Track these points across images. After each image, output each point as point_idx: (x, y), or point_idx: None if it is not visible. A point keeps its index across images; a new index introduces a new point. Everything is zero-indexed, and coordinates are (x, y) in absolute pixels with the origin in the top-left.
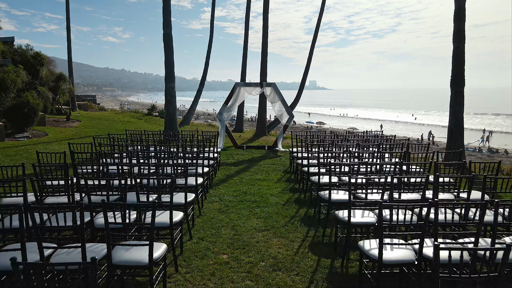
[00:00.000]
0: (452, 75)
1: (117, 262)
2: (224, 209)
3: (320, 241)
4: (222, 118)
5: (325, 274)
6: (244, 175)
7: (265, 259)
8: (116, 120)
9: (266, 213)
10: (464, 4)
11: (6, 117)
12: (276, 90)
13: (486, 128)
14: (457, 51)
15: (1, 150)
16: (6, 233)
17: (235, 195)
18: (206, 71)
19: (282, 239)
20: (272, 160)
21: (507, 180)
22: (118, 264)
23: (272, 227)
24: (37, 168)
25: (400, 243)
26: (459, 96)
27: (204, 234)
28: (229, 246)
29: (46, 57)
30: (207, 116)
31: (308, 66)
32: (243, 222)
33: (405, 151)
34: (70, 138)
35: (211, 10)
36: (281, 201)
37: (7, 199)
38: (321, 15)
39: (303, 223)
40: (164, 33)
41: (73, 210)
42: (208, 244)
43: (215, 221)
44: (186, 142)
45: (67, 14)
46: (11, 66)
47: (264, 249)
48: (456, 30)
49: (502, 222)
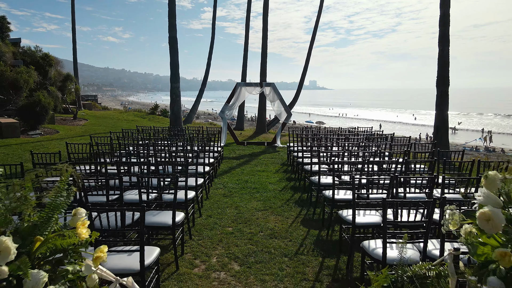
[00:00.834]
0: (438, 76)
1: (149, 223)
2: (228, 194)
3: (311, 218)
4: (224, 116)
5: (313, 240)
6: (245, 167)
7: (263, 230)
8: (121, 119)
9: (265, 197)
10: (448, 10)
11: (19, 115)
12: (275, 90)
13: (484, 128)
14: (442, 54)
15: (20, 146)
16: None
17: (237, 183)
18: (208, 72)
19: (278, 216)
20: (271, 155)
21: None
22: (149, 225)
23: (270, 208)
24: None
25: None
26: (444, 95)
27: (212, 212)
28: (233, 221)
29: (54, 58)
30: (208, 116)
31: (306, 67)
32: (245, 203)
33: (406, 149)
34: (81, 135)
35: (213, 13)
36: (278, 188)
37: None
38: (319, 17)
39: (296, 204)
40: (169, 36)
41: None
42: (216, 220)
43: (221, 203)
44: (193, 136)
45: (73, 16)
46: (23, 67)
47: (263, 223)
48: (441, 34)
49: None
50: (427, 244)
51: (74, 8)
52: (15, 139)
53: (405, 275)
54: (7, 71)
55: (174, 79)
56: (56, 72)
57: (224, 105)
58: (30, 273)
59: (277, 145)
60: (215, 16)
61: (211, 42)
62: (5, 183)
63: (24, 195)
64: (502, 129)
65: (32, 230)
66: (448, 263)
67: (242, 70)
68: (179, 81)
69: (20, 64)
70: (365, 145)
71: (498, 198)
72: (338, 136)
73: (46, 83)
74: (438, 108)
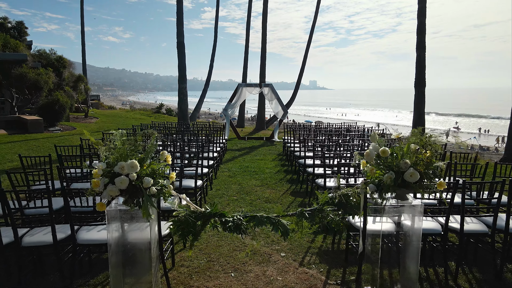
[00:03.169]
0: (416, 78)
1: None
2: (232, 175)
3: (298, 191)
4: (227, 114)
5: (297, 203)
6: (246, 156)
7: (260, 198)
8: (129, 117)
9: (262, 177)
10: (424, 20)
11: (39, 113)
12: (273, 90)
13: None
14: (420, 59)
15: (47, 139)
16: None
17: (239, 168)
18: (211, 74)
19: (273, 190)
20: (269, 147)
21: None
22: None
23: (266, 184)
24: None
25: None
26: (421, 95)
27: (220, 187)
28: (237, 193)
29: (67, 60)
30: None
31: (303, 67)
32: (246, 181)
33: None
34: (96, 131)
35: (215, 18)
36: (273, 171)
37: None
38: (315, 20)
39: (288, 182)
40: (177, 41)
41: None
42: (223, 192)
43: (226, 181)
44: (201, 130)
45: (82, 20)
46: (42, 69)
47: (260, 194)
48: (418, 41)
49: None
50: (356, 180)
51: (83, 12)
52: (40, 134)
53: (337, 194)
54: (29, 73)
55: (181, 80)
56: (69, 73)
57: (227, 104)
58: (145, 178)
59: (275, 139)
60: (217, 21)
61: (213, 46)
62: (129, 138)
63: (138, 143)
64: (501, 129)
65: (141, 160)
66: (361, 187)
67: (243, 70)
68: (186, 82)
69: (38, 66)
70: (344, 136)
71: (375, 150)
72: (325, 131)
73: (62, 83)
74: (416, 106)
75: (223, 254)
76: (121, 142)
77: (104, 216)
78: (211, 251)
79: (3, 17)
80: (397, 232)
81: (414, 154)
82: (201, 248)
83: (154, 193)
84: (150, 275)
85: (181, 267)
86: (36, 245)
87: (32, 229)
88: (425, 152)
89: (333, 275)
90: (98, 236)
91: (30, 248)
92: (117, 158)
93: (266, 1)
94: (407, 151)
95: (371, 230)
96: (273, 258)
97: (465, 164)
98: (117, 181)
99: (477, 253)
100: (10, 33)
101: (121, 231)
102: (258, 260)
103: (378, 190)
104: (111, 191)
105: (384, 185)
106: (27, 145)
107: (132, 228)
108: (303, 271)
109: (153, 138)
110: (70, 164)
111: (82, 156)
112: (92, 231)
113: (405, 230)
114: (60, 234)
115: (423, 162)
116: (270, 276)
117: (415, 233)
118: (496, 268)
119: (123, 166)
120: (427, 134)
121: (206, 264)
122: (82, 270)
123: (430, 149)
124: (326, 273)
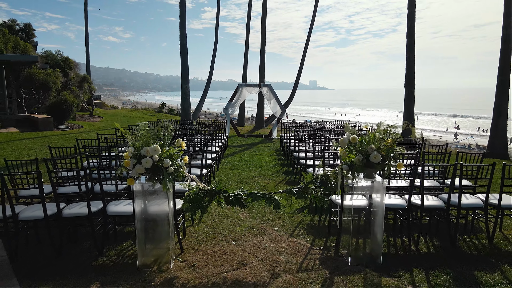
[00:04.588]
0: (406, 79)
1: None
2: (233, 168)
3: (292, 180)
4: (227, 113)
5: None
6: (246, 152)
7: (258, 187)
8: (133, 116)
9: (260, 170)
10: (414, 24)
11: (48, 112)
12: (271, 90)
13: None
14: (409, 60)
15: (57, 136)
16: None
17: (239, 162)
18: (211, 74)
19: (270, 180)
20: (267, 144)
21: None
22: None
23: (264, 175)
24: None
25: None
26: (411, 95)
27: (222, 178)
28: (237, 182)
29: (73, 61)
30: (209, 115)
31: (301, 67)
32: (245, 173)
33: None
34: (103, 129)
35: (216, 19)
36: (271, 164)
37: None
38: (313, 20)
39: (283, 174)
40: (180, 44)
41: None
42: (225, 181)
43: (228, 173)
44: (204, 128)
45: (85, 21)
46: (50, 70)
47: (258, 183)
48: (408, 44)
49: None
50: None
51: (87, 14)
52: (50, 132)
53: (319, 174)
54: (38, 74)
55: (184, 81)
56: (74, 74)
57: (228, 103)
58: (165, 160)
59: (273, 137)
60: (218, 22)
61: (214, 47)
62: (151, 128)
63: (158, 132)
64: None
65: (161, 146)
66: (338, 168)
67: (243, 71)
68: (189, 83)
69: (46, 67)
70: (337, 133)
71: (348, 138)
72: (319, 129)
73: (69, 83)
74: (406, 105)
75: (226, 229)
76: (145, 131)
77: (124, 194)
78: (215, 226)
79: (11, 20)
80: (367, 205)
81: (378, 141)
82: (207, 225)
83: (172, 172)
84: (167, 241)
85: (191, 238)
86: (74, 215)
87: (68, 204)
88: (387, 140)
89: (317, 243)
90: (123, 209)
91: (67, 219)
92: (142, 144)
93: (265, 2)
94: (373, 139)
95: (347, 205)
96: (268, 231)
97: (464, 164)
98: (144, 161)
99: (438, 227)
100: (19, 35)
101: (144, 205)
102: (255, 233)
103: (350, 170)
104: (138, 169)
105: (354, 165)
106: (40, 141)
107: (153, 203)
108: (292, 240)
109: (170, 129)
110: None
111: (102, 148)
112: (119, 205)
113: (373, 204)
114: (93, 208)
115: (385, 147)
116: (265, 244)
117: (380, 206)
118: (451, 238)
119: (147, 149)
120: (388, 125)
121: (211, 235)
122: (109, 241)
123: (391, 137)
124: (311, 241)
